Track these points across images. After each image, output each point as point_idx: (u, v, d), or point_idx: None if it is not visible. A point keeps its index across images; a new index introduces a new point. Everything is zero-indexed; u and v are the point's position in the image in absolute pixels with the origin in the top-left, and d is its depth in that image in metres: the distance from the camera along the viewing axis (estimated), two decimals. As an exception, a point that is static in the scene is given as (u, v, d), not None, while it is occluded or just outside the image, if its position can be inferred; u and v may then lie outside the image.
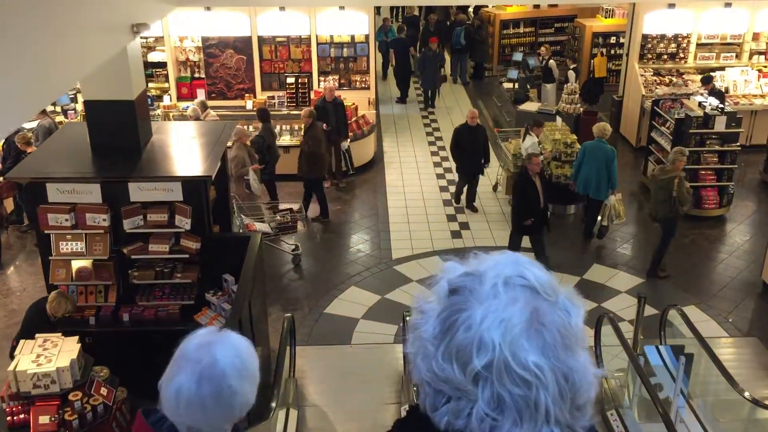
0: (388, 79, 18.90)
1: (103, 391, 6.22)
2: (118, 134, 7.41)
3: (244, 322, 6.44)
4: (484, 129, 11.75)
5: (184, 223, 7.18)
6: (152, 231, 7.32)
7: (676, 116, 11.32)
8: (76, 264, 7.32)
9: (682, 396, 7.21)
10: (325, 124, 12.07)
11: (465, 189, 11.86)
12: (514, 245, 9.95)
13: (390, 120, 16.09)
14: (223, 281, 7.48)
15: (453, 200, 12.11)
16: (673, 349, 7.69)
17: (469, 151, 11.37)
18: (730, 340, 8.77)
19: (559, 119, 12.35)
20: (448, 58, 18.87)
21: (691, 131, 11.11)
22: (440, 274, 1.17)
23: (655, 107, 12.09)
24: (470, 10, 19.94)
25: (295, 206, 10.40)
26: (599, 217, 10.73)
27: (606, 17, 17.48)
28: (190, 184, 7.10)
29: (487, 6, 19.46)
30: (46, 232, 7.13)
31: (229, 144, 9.68)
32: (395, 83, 17.59)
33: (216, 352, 1.89)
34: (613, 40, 17.24)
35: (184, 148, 7.66)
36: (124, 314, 7.35)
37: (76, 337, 6.26)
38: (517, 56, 16.07)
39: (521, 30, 19.26)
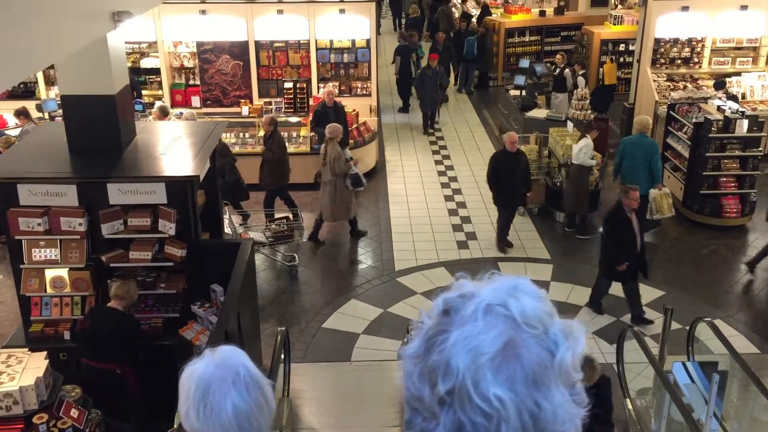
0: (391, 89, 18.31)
1: (74, 413, 5.56)
2: (97, 132, 6.83)
3: (232, 336, 5.80)
4: (525, 155, 10.45)
5: (168, 228, 6.57)
6: (133, 237, 6.72)
7: (694, 120, 10.73)
8: (51, 273, 6.71)
9: (715, 418, 6.54)
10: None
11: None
12: (600, 292, 8.80)
13: (392, 129, 15.52)
14: (211, 292, 6.86)
15: (498, 242, 10.38)
16: (704, 366, 7.04)
17: (509, 180, 9.92)
18: (764, 356, 8.10)
19: (570, 124, 11.76)
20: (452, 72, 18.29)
21: (710, 135, 10.51)
22: (446, 291, 1.12)
23: (671, 112, 11.51)
24: (474, 20, 19.43)
25: (291, 215, 9.79)
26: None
27: (615, 24, 16.95)
28: (174, 185, 6.50)
29: (491, 12, 19.01)
30: (17, 238, 6.53)
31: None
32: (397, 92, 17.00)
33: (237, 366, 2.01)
34: (622, 47, 16.70)
35: (170, 148, 7.06)
36: (102, 328, 6.74)
37: (44, 353, 5.63)
38: (524, 63, 15.51)
39: (527, 38, 18.75)
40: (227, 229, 8.95)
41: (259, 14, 13.10)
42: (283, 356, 6.93)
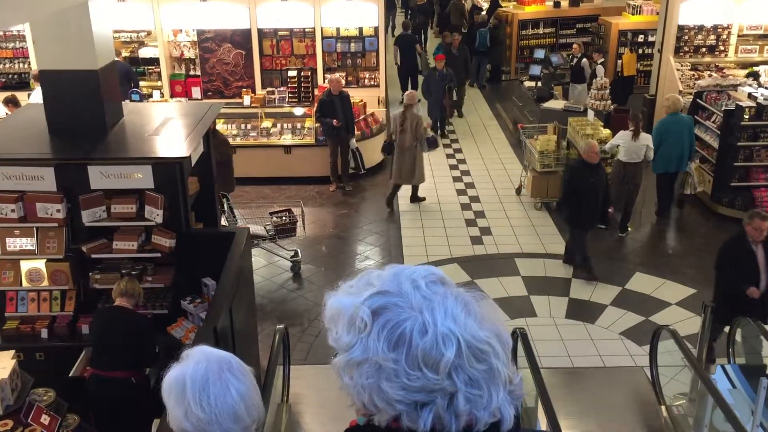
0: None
1: (44, 419, 4.93)
2: (79, 111, 6.25)
3: (223, 334, 5.17)
4: (603, 167, 9.22)
5: (155, 215, 5.96)
6: (117, 225, 6.11)
7: (724, 107, 10.04)
8: (26, 265, 6.10)
9: (762, 429, 5.86)
10: (335, 120, 10.88)
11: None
12: (716, 332, 7.06)
13: (401, 122, 14.85)
14: (203, 286, 6.23)
15: (578, 270, 8.88)
16: (746, 369, 6.38)
17: (590, 197, 8.42)
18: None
19: (591, 113, 11.10)
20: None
21: (742, 123, 9.82)
22: (335, 310, 1.23)
23: (698, 100, 10.82)
24: (484, 12, 18.77)
25: (295, 208, 9.16)
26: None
27: (633, 14, 16.28)
28: (162, 167, 5.89)
29: (501, 5, 18.36)
30: (-12, 225, 5.94)
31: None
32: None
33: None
34: (641, 38, 16.02)
35: (159, 129, 6.45)
36: (83, 326, 6.12)
37: (11, 352, 5.01)
38: (539, 53, 14.86)
39: (541, 31, 18.09)
40: (225, 223, 8.33)
41: (262, 0, 12.51)
42: (282, 357, 6.30)
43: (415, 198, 11.00)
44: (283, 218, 8.93)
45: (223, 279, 5.62)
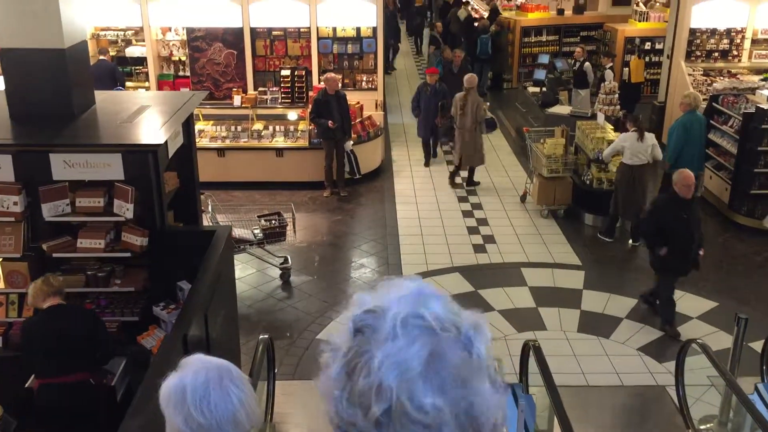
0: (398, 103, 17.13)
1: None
2: (44, 94, 5.63)
3: (195, 344, 4.51)
4: (698, 202, 7.94)
5: (125, 209, 5.32)
6: (83, 221, 5.47)
7: (743, 110, 9.46)
8: (-20, 265, 5.46)
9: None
10: (330, 122, 10.27)
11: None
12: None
13: (399, 128, 14.28)
14: (178, 291, 5.57)
15: (664, 324, 7.42)
16: (783, 389, 5.72)
17: (682, 237, 7.04)
18: None
19: (601, 116, 10.50)
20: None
21: (763, 127, 9.23)
22: (349, 309, 1.11)
23: (714, 104, 10.24)
24: (484, 19, 18.27)
25: (284, 211, 8.52)
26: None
27: (640, 21, 15.76)
28: (134, 156, 5.27)
29: (501, 13, 17.86)
30: (-63, 220, 5.29)
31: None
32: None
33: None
34: (648, 45, 15.49)
35: (133, 117, 5.82)
36: (42, 333, 5.46)
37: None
38: (543, 58, 14.32)
39: (544, 38, 17.57)
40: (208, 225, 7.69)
41: (255, -3, 11.95)
42: (266, 372, 5.64)
43: (471, 181, 11.21)
44: (272, 222, 8.29)
45: (198, 281, 4.96)
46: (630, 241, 9.33)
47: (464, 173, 11.28)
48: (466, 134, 10.77)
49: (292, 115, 11.48)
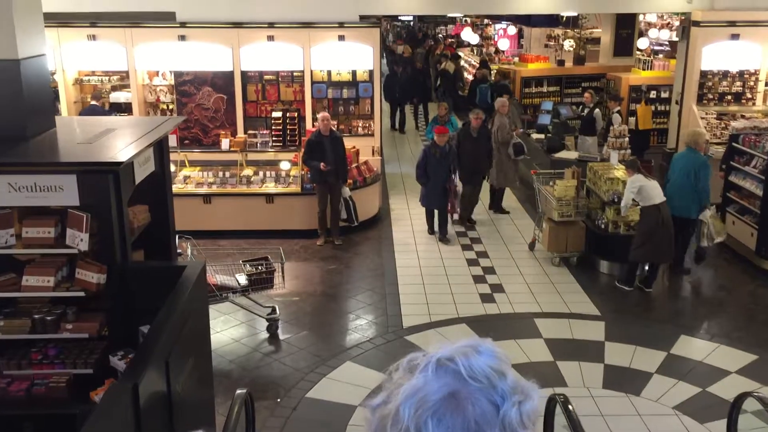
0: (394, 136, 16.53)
1: None
2: (-8, 110, 4.91)
3: (151, 398, 3.65)
4: None
5: (78, 240, 4.53)
6: (29, 254, 4.68)
7: (768, 149, 8.81)
8: None
9: None
10: (323, 164, 9.58)
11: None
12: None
13: (397, 178, 13.59)
14: (141, 337, 4.73)
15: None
16: None
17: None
18: None
19: (614, 156, 9.85)
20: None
21: (791, 165, 8.57)
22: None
23: (735, 144, 9.59)
24: (482, 69, 17.85)
25: (273, 255, 7.73)
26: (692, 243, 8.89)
27: (644, 69, 15.32)
28: (91, 177, 4.51)
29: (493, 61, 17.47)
30: None
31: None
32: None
33: None
34: (653, 94, 15.00)
35: (96, 138, 5.09)
36: (-23, 388, 4.61)
37: None
38: (546, 105, 13.80)
39: (545, 89, 17.14)
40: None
41: (246, 41, 11.41)
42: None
43: (499, 208, 11.46)
44: (259, 267, 7.48)
45: (159, 321, 4.13)
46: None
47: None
48: (495, 155, 10.94)
49: (285, 164, 10.78)
